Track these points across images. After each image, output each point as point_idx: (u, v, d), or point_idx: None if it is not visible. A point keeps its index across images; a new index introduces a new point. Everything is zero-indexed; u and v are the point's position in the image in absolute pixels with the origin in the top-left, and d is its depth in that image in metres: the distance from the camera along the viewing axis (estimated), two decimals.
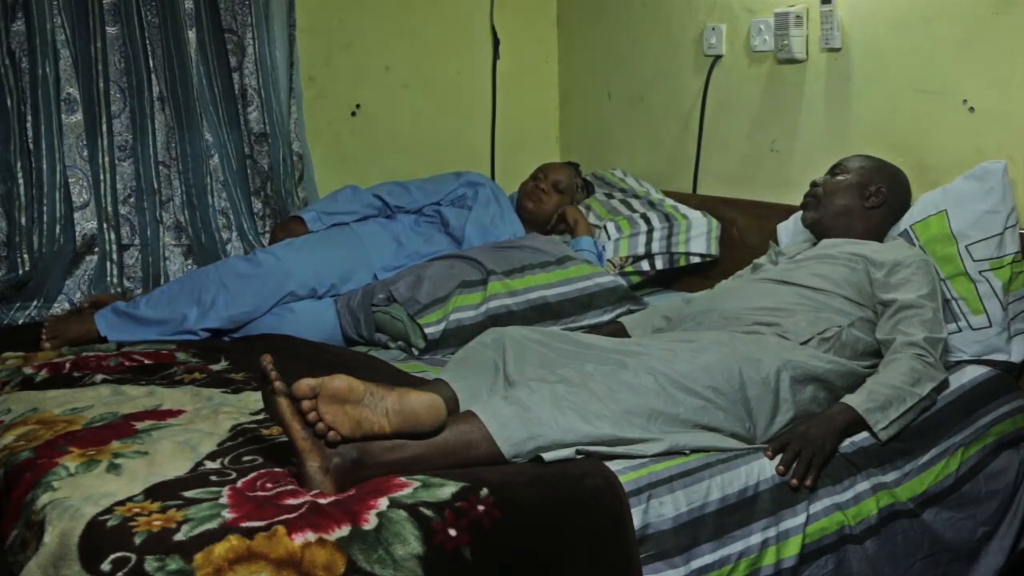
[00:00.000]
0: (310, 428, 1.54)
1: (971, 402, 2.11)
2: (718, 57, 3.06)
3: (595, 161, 3.50)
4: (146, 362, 2.27)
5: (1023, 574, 2.15)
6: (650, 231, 3.01)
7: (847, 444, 1.90)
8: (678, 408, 1.78)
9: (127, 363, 2.26)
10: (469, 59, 3.54)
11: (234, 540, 1.37)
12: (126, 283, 2.89)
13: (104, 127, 2.83)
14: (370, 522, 1.44)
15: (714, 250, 3.03)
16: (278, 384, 1.55)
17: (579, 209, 3.15)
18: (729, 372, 1.85)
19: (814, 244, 2.45)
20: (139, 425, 1.81)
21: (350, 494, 1.51)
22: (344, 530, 1.42)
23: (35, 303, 2.72)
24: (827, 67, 2.75)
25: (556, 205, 3.12)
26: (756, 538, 1.73)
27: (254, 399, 1.95)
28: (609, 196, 3.24)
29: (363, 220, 2.91)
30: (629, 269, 3.00)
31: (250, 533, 1.39)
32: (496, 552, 1.51)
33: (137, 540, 1.37)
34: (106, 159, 2.85)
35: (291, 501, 1.48)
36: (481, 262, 2.64)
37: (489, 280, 2.58)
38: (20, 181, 2.71)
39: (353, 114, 3.34)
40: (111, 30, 2.83)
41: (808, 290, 2.20)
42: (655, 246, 3.00)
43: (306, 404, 1.54)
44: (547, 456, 1.65)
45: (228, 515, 1.43)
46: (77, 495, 1.51)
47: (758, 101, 2.97)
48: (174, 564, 1.34)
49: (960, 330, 2.28)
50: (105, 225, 2.85)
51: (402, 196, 2.99)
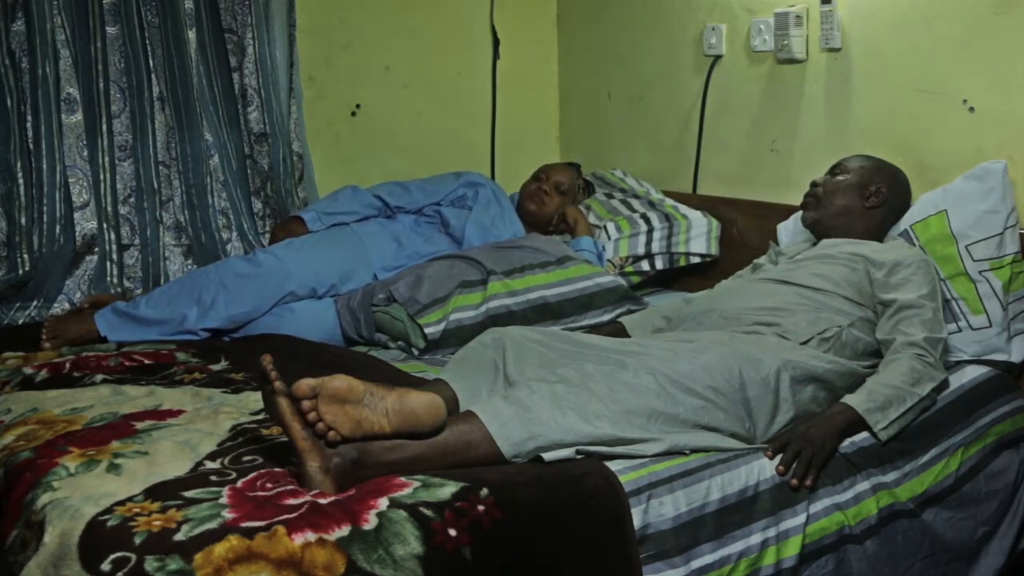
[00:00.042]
0: (310, 428, 1.54)
1: (971, 402, 2.10)
2: (718, 57, 3.06)
3: (595, 161, 3.50)
4: (146, 362, 2.27)
5: (1023, 574, 2.15)
6: (650, 231, 3.01)
7: (847, 444, 1.89)
8: (678, 408, 1.78)
9: (127, 363, 2.26)
10: (469, 59, 3.53)
11: (234, 540, 1.37)
12: (126, 283, 2.89)
13: (104, 127, 2.83)
14: (370, 522, 1.44)
15: (714, 250, 3.03)
16: (278, 384, 1.55)
17: (579, 209, 3.14)
18: (729, 372, 1.85)
19: (814, 244, 2.45)
20: (139, 425, 1.82)
21: (350, 494, 1.51)
22: (344, 530, 1.42)
23: (35, 303, 2.72)
24: (827, 67, 2.75)
25: (558, 206, 3.12)
26: (756, 538, 1.73)
27: (254, 399, 1.95)
28: (609, 196, 3.23)
29: (363, 220, 2.91)
30: (629, 269, 3.00)
31: (250, 533, 1.39)
32: (496, 552, 1.51)
33: (137, 540, 1.37)
34: (106, 159, 2.84)
35: (291, 501, 1.48)
36: (481, 262, 2.63)
37: (489, 280, 2.58)
38: (20, 181, 2.71)
39: (353, 114, 3.34)
40: (111, 30, 2.83)
41: (808, 290, 2.20)
42: (655, 246, 3.00)
43: (306, 404, 1.54)
44: (547, 456, 1.65)
45: (228, 515, 1.43)
46: (77, 495, 1.51)
47: (758, 101, 2.97)
48: (174, 564, 1.34)
49: (960, 330, 2.28)
50: (105, 225, 2.85)
51: (402, 196, 2.99)
